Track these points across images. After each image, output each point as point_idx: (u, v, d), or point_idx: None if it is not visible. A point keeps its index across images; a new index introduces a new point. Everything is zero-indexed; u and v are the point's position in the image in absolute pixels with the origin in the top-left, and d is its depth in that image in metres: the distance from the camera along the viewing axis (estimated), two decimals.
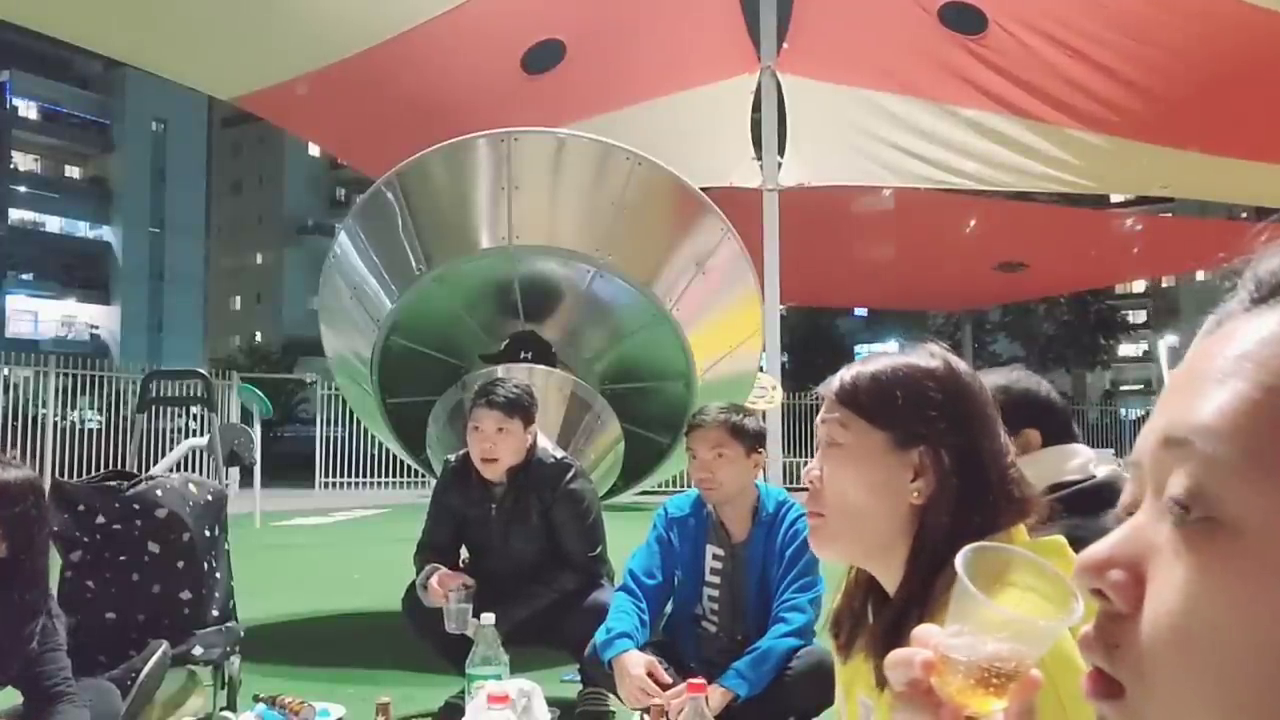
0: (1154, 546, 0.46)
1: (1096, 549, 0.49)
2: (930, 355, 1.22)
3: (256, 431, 10.78)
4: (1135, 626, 0.45)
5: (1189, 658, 0.43)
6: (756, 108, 8.19)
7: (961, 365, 1.24)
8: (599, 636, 2.87)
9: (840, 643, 1.26)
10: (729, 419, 2.95)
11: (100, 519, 3.03)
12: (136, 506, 3.03)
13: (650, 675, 2.73)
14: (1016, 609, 0.69)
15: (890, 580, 1.19)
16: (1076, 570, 0.50)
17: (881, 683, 1.15)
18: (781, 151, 8.18)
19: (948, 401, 1.19)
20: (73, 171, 51.94)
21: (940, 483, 1.16)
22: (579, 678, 3.31)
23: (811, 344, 34.35)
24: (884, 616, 1.18)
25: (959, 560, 0.70)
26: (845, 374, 1.25)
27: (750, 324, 5.26)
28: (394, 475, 16.37)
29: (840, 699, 1.29)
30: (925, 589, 1.13)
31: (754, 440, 2.97)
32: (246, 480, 12.19)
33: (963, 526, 1.12)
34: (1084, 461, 1.85)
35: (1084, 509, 1.50)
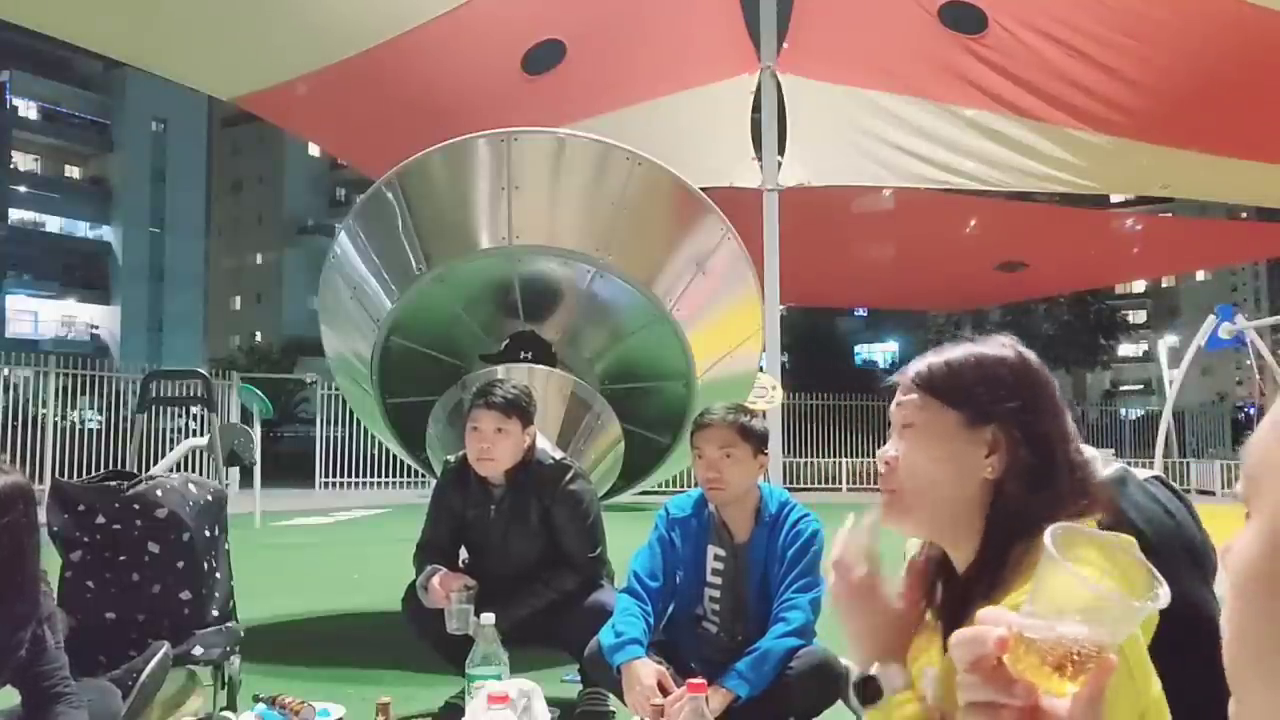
0: None
1: None
2: (1002, 345, 1.30)
3: (256, 431, 10.78)
4: None
5: None
6: (756, 108, 8.17)
7: (1031, 354, 1.30)
8: (607, 640, 2.86)
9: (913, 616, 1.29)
10: (738, 419, 2.94)
11: (100, 519, 3.02)
12: (136, 506, 3.02)
13: (660, 686, 2.73)
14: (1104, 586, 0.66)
15: (961, 556, 1.24)
16: None
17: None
18: (781, 151, 8.16)
19: (1019, 384, 1.25)
20: (73, 171, 51.98)
21: (1013, 458, 1.21)
22: (579, 678, 3.31)
23: (811, 344, 34.39)
24: (955, 586, 1.24)
25: (1047, 536, 0.69)
26: (919, 362, 1.32)
27: (750, 324, 5.25)
28: (394, 475, 16.39)
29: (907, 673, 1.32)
30: (999, 560, 1.17)
31: (760, 441, 2.97)
32: (246, 480, 12.19)
33: (1035, 502, 1.17)
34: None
35: None
